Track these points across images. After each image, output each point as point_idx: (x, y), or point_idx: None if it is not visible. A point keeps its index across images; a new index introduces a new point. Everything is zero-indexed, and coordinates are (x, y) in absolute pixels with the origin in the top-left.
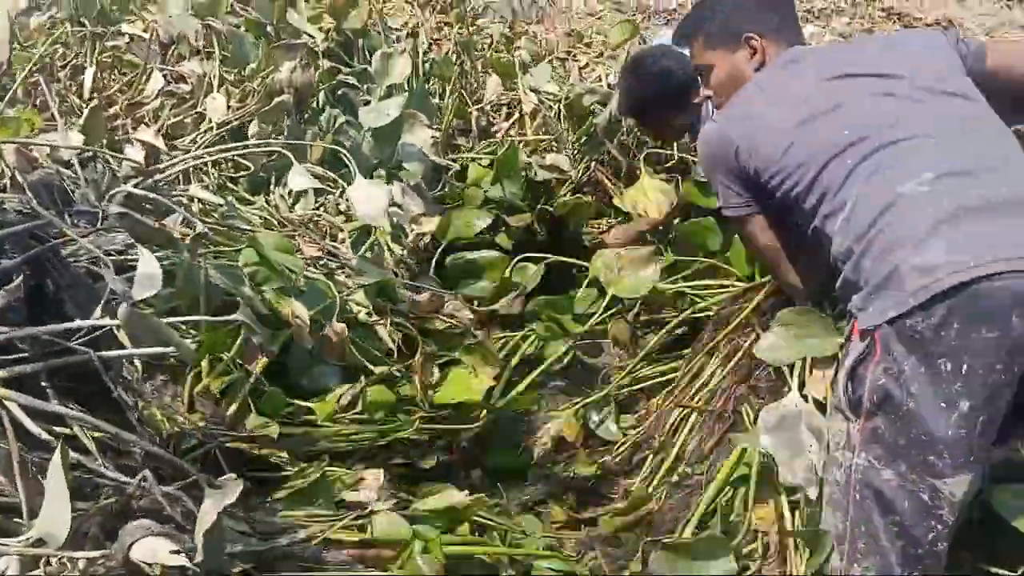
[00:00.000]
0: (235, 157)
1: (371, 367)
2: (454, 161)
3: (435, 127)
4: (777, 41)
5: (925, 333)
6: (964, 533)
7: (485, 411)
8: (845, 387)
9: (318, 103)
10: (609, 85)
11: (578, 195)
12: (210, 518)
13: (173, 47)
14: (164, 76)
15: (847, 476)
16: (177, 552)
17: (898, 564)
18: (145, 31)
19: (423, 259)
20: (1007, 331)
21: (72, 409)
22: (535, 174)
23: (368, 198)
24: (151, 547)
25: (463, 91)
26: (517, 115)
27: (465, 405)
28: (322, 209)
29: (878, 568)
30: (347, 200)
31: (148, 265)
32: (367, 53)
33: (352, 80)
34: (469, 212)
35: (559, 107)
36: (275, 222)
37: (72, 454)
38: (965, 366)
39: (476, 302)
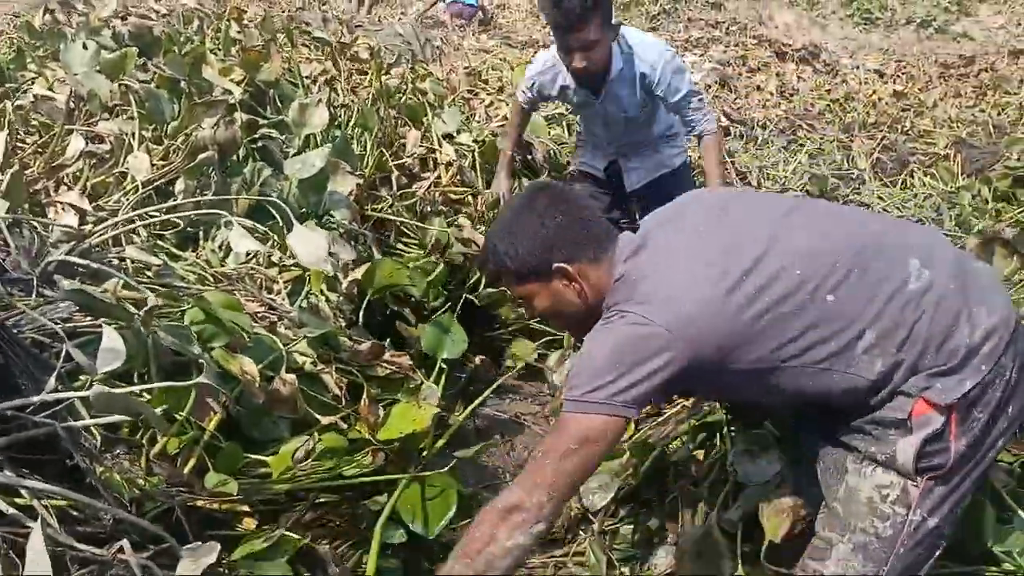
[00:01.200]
0: (163, 214)
1: (319, 416)
2: (377, 210)
3: (358, 175)
4: (596, 262)
5: (999, 388)
6: None
7: (433, 442)
8: (915, 456)
9: (238, 156)
10: None
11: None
12: None
13: (83, 106)
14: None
15: (896, 531)
16: None
17: None
18: (50, 90)
19: (357, 306)
20: None
21: (33, 480)
22: (453, 252)
23: (308, 244)
24: None
25: (382, 142)
26: (434, 167)
27: (414, 437)
28: (254, 261)
29: None
30: (279, 251)
31: (111, 340)
32: (278, 103)
33: (271, 132)
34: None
35: (472, 156)
36: (210, 278)
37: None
38: (1020, 397)
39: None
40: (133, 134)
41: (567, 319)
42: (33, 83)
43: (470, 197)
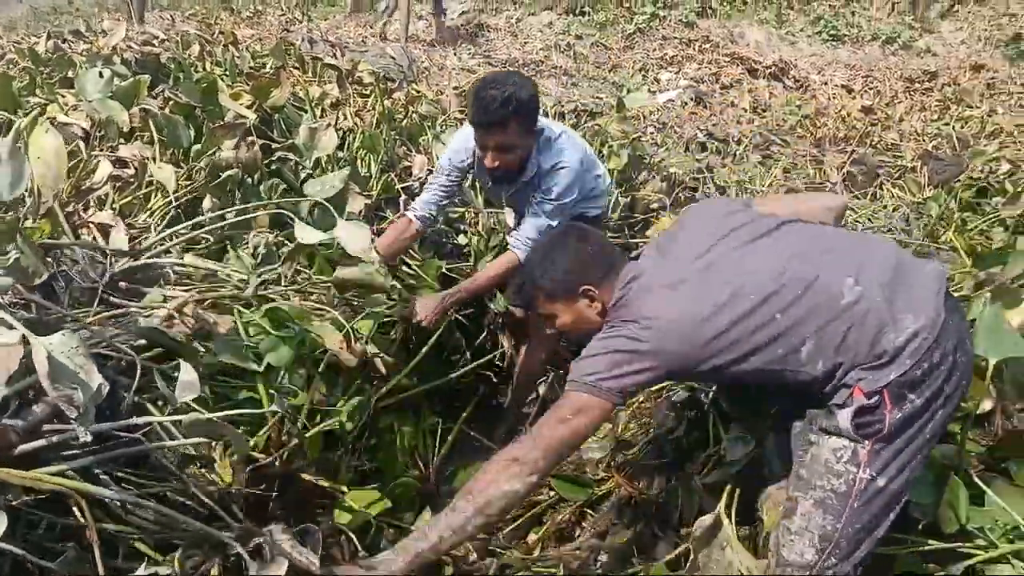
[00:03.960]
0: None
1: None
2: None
3: (367, 195)
4: (609, 285)
5: (928, 375)
6: None
7: None
8: (851, 421)
9: (253, 177)
10: None
11: None
12: None
13: (100, 132)
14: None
15: (848, 486)
16: None
17: (861, 560)
18: (66, 115)
19: None
20: (968, 353)
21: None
22: None
23: (353, 236)
24: None
25: (387, 165)
26: None
27: None
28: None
29: (844, 567)
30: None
31: (188, 374)
32: (285, 127)
33: (284, 154)
34: None
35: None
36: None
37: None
38: (954, 381)
39: None
40: (154, 158)
41: (580, 331)
42: (44, 109)
43: (468, 214)
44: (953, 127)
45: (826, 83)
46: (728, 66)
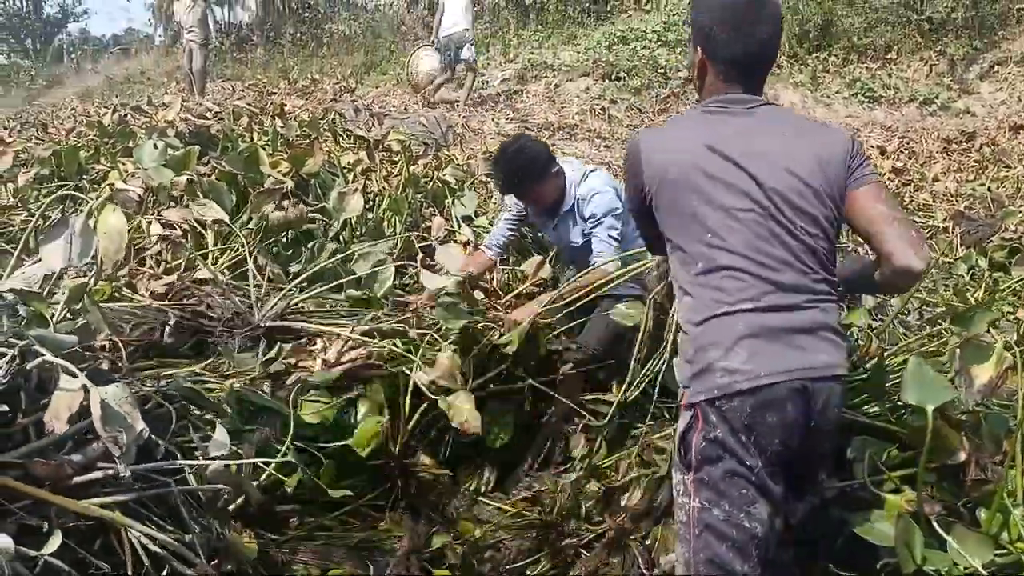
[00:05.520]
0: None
1: None
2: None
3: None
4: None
5: (729, 413)
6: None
7: None
8: (678, 449)
9: (287, 236)
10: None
11: None
12: None
13: (152, 197)
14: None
15: (687, 517)
16: None
17: (739, 565)
18: (123, 182)
19: None
20: (784, 415)
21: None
22: None
23: (451, 257)
24: None
25: (410, 225)
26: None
27: None
28: None
29: None
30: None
31: (221, 435)
32: (320, 191)
33: (317, 215)
34: None
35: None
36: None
37: None
38: (755, 436)
39: None
40: (202, 223)
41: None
42: (106, 176)
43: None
44: (988, 187)
45: None
46: None
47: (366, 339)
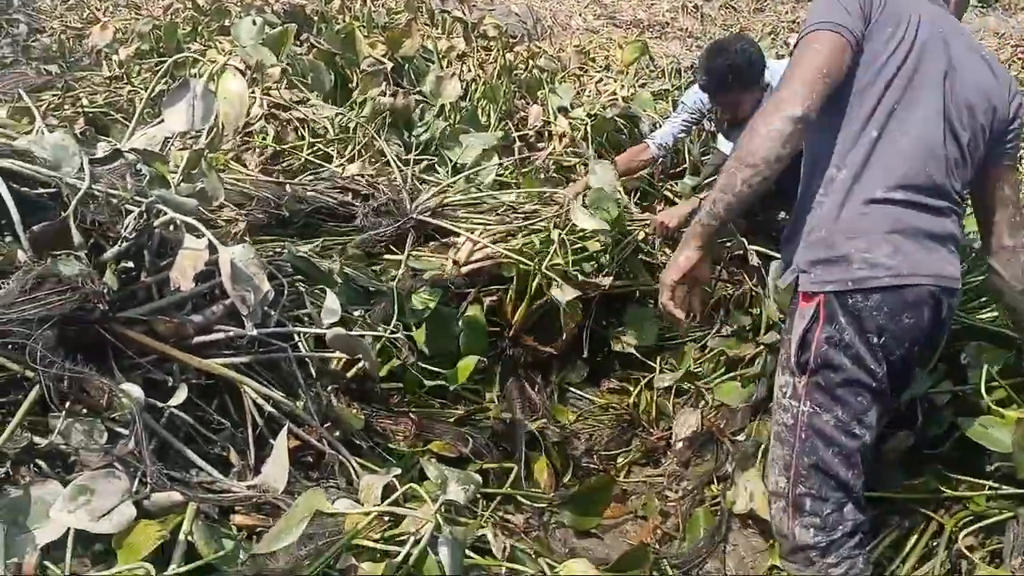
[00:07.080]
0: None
1: None
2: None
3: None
4: None
5: (864, 312)
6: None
7: None
8: (797, 351)
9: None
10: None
11: None
12: None
13: (252, 75)
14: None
15: (794, 420)
16: None
17: (843, 472)
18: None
19: None
20: (920, 320)
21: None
22: None
23: (605, 174)
24: None
25: (505, 113)
26: (549, 138)
27: None
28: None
29: (820, 482)
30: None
31: (332, 301)
32: (414, 76)
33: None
34: None
35: (584, 128)
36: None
37: None
38: (885, 339)
39: None
40: (305, 101)
41: None
42: (204, 54)
43: (581, 167)
44: None
45: None
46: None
47: (500, 248)
